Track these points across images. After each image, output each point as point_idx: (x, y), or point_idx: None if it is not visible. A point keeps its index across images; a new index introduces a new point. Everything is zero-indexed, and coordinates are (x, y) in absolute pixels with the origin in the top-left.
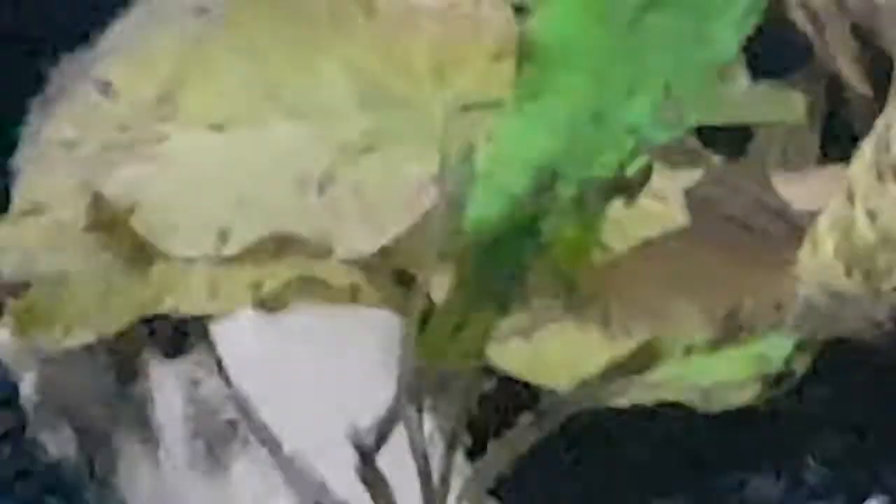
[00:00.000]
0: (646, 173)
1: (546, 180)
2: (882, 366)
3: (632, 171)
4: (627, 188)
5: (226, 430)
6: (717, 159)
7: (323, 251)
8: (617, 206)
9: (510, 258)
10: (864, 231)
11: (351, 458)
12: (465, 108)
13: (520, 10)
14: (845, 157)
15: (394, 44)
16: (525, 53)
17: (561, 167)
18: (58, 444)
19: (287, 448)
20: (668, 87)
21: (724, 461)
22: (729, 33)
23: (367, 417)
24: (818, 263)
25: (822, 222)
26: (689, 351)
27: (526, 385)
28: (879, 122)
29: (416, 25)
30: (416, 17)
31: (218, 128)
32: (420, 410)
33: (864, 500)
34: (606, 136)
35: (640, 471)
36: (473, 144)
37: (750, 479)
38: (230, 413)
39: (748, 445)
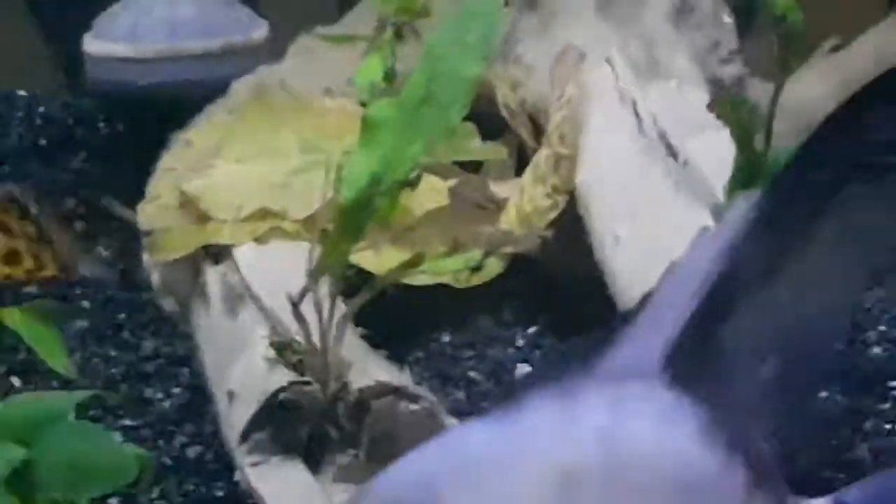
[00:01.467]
0: (417, 179)
1: (374, 181)
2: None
3: (412, 178)
4: (409, 185)
5: None
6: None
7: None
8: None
9: (359, 216)
10: (527, 206)
11: None
12: (346, 153)
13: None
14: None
15: (319, 124)
16: (364, 124)
17: (380, 175)
18: None
19: None
20: (430, 141)
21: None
22: (455, 116)
23: None
24: (504, 221)
25: (510, 204)
26: (436, 258)
27: None
28: (533, 160)
29: (327, 115)
30: (326, 111)
31: (239, 161)
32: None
33: None
34: (400, 162)
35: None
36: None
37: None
38: None
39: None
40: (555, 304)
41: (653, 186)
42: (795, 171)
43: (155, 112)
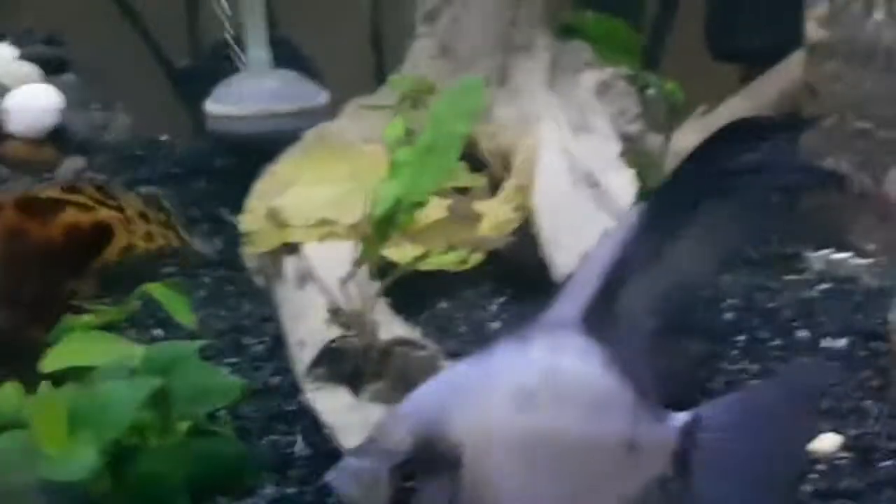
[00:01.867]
0: (425, 201)
1: (397, 202)
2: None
3: (421, 200)
4: (420, 205)
5: None
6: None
7: None
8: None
9: (387, 225)
10: (499, 218)
11: None
12: (381, 181)
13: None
14: None
15: (361, 162)
16: (391, 164)
17: (401, 198)
18: None
19: None
20: (435, 176)
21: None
22: (451, 160)
23: None
24: (483, 229)
25: (487, 217)
26: (438, 254)
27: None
28: (503, 186)
29: (367, 156)
30: (366, 153)
31: (307, 186)
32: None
33: None
34: (415, 190)
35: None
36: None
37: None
38: None
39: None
40: (516, 282)
41: (581, 207)
42: (665, 190)
43: (252, 152)
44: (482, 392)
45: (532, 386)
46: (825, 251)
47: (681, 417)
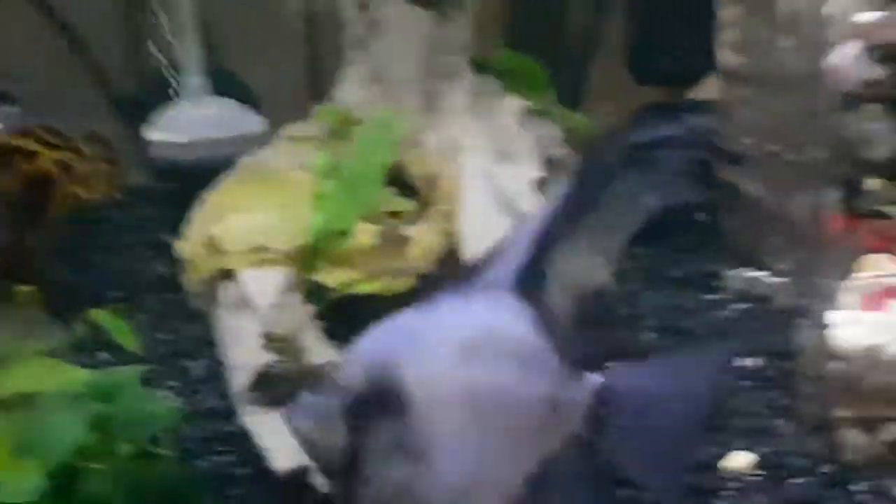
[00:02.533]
0: (350, 230)
1: (322, 233)
2: None
3: (346, 229)
4: (344, 235)
5: None
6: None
7: None
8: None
9: (314, 253)
10: (425, 243)
11: None
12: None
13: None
14: None
15: (294, 189)
16: (315, 196)
17: (326, 229)
18: None
19: None
20: (358, 207)
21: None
22: (374, 189)
23: None
24: (411, 254)
25: (414, 241)
26: (363, 281)
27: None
28: (429, 211)
29: (299, 184)
30: (298, 181)
31: (242, 213)
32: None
33: None
34: (339, 220)
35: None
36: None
37: None
38: None
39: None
40: None
41: (502, 231)
42: (586, 165)
43: (190, 178)
44: (430, 342)
45: (474, 340)
46: (743, 269)
47: (594, 378)
